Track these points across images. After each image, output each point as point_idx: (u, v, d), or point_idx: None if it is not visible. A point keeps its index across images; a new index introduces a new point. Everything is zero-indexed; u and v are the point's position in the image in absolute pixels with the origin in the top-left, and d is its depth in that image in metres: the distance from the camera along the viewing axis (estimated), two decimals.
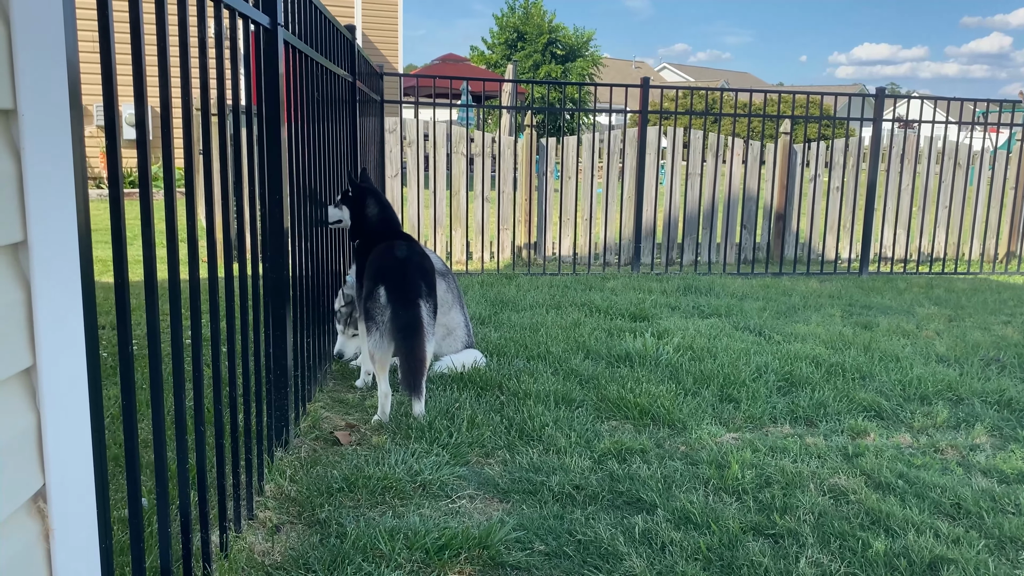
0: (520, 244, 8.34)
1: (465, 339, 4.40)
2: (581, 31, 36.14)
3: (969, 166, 9.06)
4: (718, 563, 2.44)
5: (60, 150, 1.30)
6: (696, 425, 3.59)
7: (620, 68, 51.78)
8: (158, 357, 1.85)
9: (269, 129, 2.86)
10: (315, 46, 3.59)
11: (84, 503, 1.41)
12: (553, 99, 25.77)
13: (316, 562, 2.32)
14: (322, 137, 3.82)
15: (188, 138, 2.02)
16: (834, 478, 3.07)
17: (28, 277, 1.25)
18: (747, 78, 64.74)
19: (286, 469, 2.93)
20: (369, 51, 16.81)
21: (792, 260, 8.61)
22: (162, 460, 1.89)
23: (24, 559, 1.26)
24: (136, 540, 1.77)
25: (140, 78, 1.71)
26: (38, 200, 1.25)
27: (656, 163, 8.19)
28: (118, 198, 1.63)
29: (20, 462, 1.24)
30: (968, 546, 2.57)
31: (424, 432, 3.34)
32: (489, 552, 2.43)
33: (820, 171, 8.65)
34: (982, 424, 3.73)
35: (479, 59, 35.75)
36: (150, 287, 1.81)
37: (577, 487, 2.93)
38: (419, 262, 3.72)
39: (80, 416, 1.39)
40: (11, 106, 1.20)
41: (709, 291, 6.95)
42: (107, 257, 3.61)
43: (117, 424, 2.98)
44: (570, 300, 6.27)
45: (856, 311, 6.39)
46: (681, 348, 4.76)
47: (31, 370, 1.28)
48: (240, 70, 2.54)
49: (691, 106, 8.90)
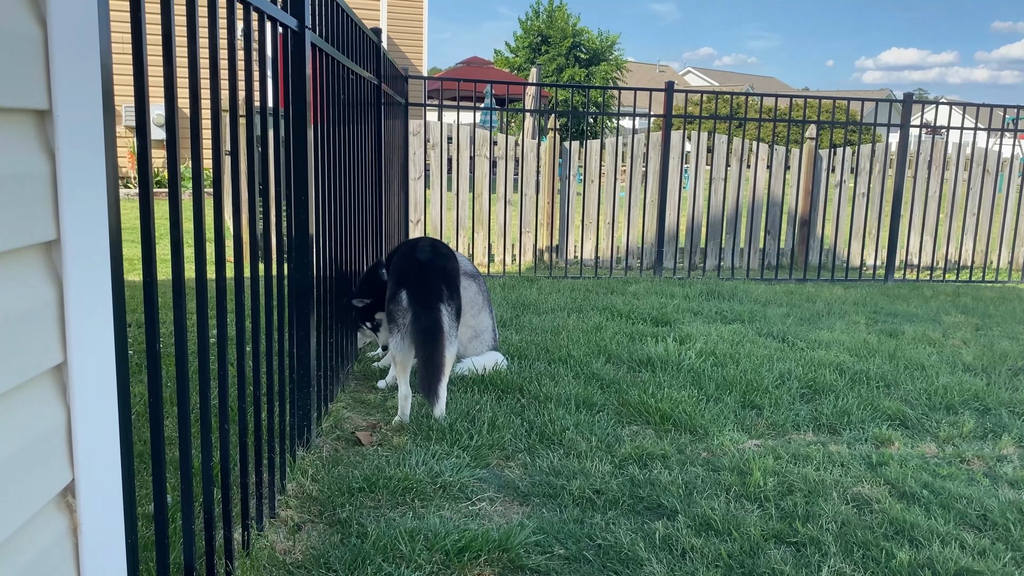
0: (542, 247, 8.34)
1: (491, 342, 4.41)
2: (606, 35, 36.11)
3: (998, 173, 8.94)
4: (739, 570, 2.42)
5: (93, 150, 1.32)
6: (718, 431, 3.57)
7: (644, 72, 51.64)
8: (184, 355, 1.87)
9: (296, 131, 2.89)
10: (342, 49, 3.62)
11: (111, 499, 1.42)
12: (577, 103, 25.75)
13: (337, 562, 2.33)
14: (347, 139, 3.85)
15: (217, 139, 2.04)
16: (858, 487, 3.04)
17: (60, 275, 1.27)
18: (772, 83, 64.31)
19: (308, 468, 2.95)
20: (394, 54, 16.89)
21: (816, 266, 8.54)
22: (187, 458, 1.91)
23: (53, 553, 1.28)
24: (161, 536, 1.79)
25: (171, 79, 1.73)
26: (71, 200, 1.27)
27: (680, 167, 8.16)
28: (148, 198, 1.65)
29: (50, 457, 1.26)
30: (994, 558, 2.54)
31: (445, 434, 3.35)
32: (509, 555, 2.43)
33: (846, 177, 8.57)
34: (1009, 435, 3.68)
35: (503, 62, 35.81)
36: (178, 286, 1.83)
37: (597, 491, 2.92)
38: (442, 264, 3.73)
39: (109, 413, 1.40)
40: (46, 107, 1.22)
41: (732, 296, 6.91)
42: (132, 256, 3.63)
43: (142, 421, 3.01)
44: (592, 304, 6.26)
45: (881, 318, 6.32)
46: (703, 353, 4.73)
47: (62, 367, 1.29)
48: (268, 72, 2.56)
49: (715, 110, 8.85)
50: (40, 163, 1.22)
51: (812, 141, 8.62)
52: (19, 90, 1.16)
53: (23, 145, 1.19)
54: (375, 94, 4.84)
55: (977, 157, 8.84)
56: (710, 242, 8.59)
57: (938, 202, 8.73)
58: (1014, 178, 9.08)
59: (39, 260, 1.25)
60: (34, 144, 1.21)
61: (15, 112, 1.17)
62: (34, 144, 1.21)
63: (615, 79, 35.04)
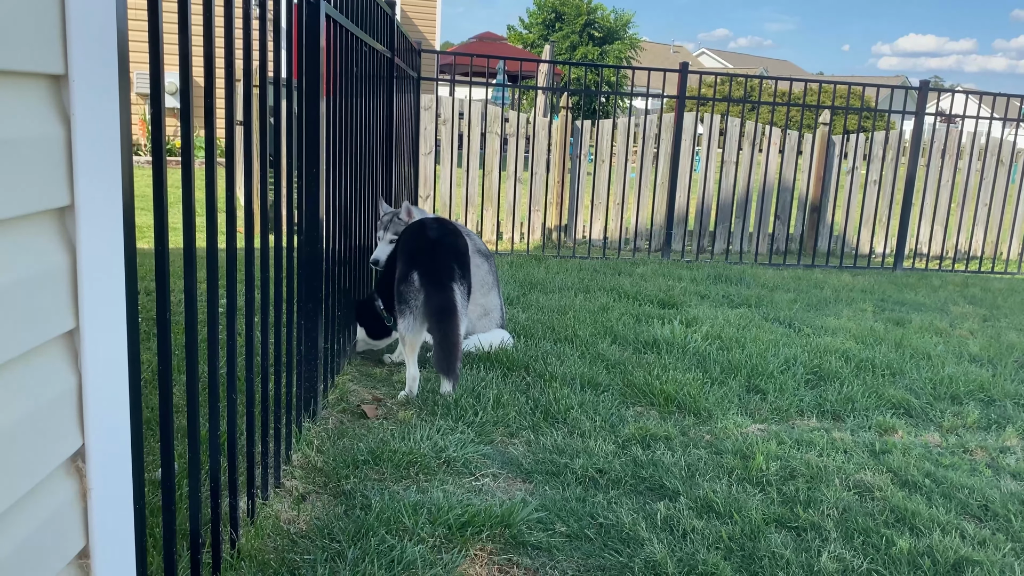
0: (551, 226, 8.32)
1: (499, 320, 4.42)
2: (620, 13, 35.79)
3: (1012, 163, 8.87)
4: (739, 553, 2.44)
5: (108, 117, 1.32)
6: (722, 415, 3.58)
7: (658, 52, 51.21)
8: (194, 324, 1.87)
9: (308, 102, 2.87)
10: (355, 21, 3.60)
11: (120, 464, 1.44)
12: (589, 81, 25.58)
13: (340, 532, 2.35)
14: (359, 112, 3.83)
15: (230, 109, 2.03)
16: (860, 474, 3.05)
17: (74, 241, 1.27)
18: (787, 66, 63.74)
19: (313, 440, 2.97)
20: (407, 27, 16.77)
21: (825, 252, 8.50)
22: (194, 426, 1.92)
23: (63, 516, 1.29)
24: (167, 503, 1.81)
25: (186, 48, 1.72)
26: (86, 166, 1.27)
27: (691, 149, 8.11)
28: (161, 166, 1.65)
29: (61, 421, 1.27)
30: (994, 548, 2.55)
31: (450, 409, 3.36)
32: (511, 531, 2.45)
33: (858, 163, 8.52)
34: (1013, 426, 3.68)
35: (516, 38, 35.55)
36: (189, 255, 1.83)
37: (600, 471, 2.94)
38: (452, 242, 3.73)
39: (119, 379, 1.41)
40: (62, 71, 1.22)
41: (740, 281, 6.90)
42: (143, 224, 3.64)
43: (150, 388, 3.03)
44: (599, 284, 6.26)
45: (888, 307, 6.31)
46: (709, 337, 4.73)
47: (74, 332, 1.30)
48: (282, 42, 2.54)
49: (729, 93, 8.79)
50: (55, 128, 1.22)
51: (825, 126, 8.55)
52: (36, 54, 1.16)
53: (39, 110, 1.19)
54: (388, 67, 4.81)
55: (991, 147, 8.77)
56: (719, 225, 8.56)
57: (950, 191, 8.67)
58: None
59: (53, 226, 1.25)
60: (50, 109, 1.21)
61: (32, 76, 1.17)
62: (50, 109, 1.21)
63: (629, 58, 34.77)
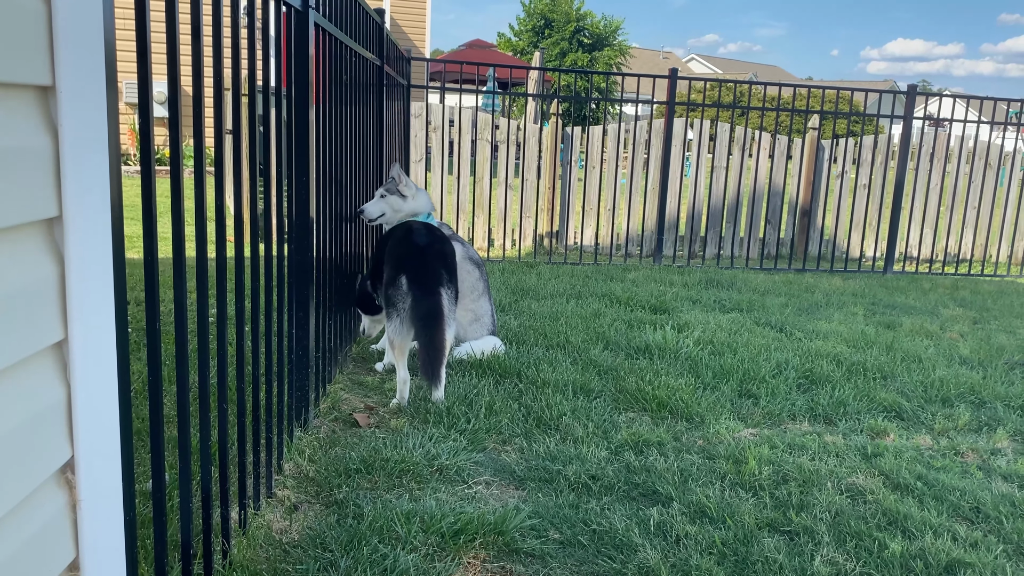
0: (542, 232, 8.33)
1: (490, 326, 4.42)
2: (610, 19, 35.94)
3: (1000, 167, 8.93)
4: (732, 558, 2.44)
5: (96, 127, 1.32)
6: (714, 419, 3.58)
7: (648, 58, 51.43)
8: (184, 334, 1.87)
9: (298, 111, 2.87)
10: (345, 29, 3.60)
11: (110, 475, 1.43)
12: (579, 88, 25.65)
13: (333, 541, 2.35)
14: (349, 120, 3.83)
15: (219, 118, 2.03)
16: (852, 477, 3.05)
17: (62, 252, 1.27)
18: (776, 71, 64.06)
19: (305, 449, 2.96)
20: (397, 35, 16.79)
21: (816, 256, 8.54)
22: (185, 436, 1.91)
23: (53, 527, 1.28)
24: (158, 514, 1.80)
25: (174, 57, 1.72)
26: (73, 176, 1.26)
27: (681, 155, 8.14)
28: (150, 176, 1.64)
29: (50, 433, 1.27)
30: (986, 550, 2.55)
31: (442, 417, 3.35)
32: (504, 538, 2.45)
33: (847, 167, 8.56)
34: (1004, 428, 3.70)
35: (506, 45, 35.65)
36: (178, 264, 1.83)
37: (593, 477, 2.94)
38: (439, 248, 3.73)
39: (108, 390, 1.41)
40: (50, 83, 1.21)
41: (731, 285, 6.91)
42: (132, 233, 3.62)
43: (140, 399, 3.02)
44: (591, 290, 6.26)
45: (879, 310, 6.33)
46: (701, 342, 4.74)
47: (62, 343, 1.30)
48: (271, 51, 2.54)
49: (719, 98, 8.83)
50: (43, 139, 1.21)
51: (815, 131, 8.60)
52: (23, 66, 1.15)
53: (26, 121, 1.19)
54: (378, 75, 4.81)
55: (980, 150, 8.83)
56: (710, 230, 8.58)
57: (939, 195, 8.72)
58: (1015, 172, 9.07)
59: (41, 237, 1.24)
60: (37, 120, 1.21)
61: (19, 88, 1.17)
62: (37, 120, 1.21)
63: (618, 64, 34.91)
